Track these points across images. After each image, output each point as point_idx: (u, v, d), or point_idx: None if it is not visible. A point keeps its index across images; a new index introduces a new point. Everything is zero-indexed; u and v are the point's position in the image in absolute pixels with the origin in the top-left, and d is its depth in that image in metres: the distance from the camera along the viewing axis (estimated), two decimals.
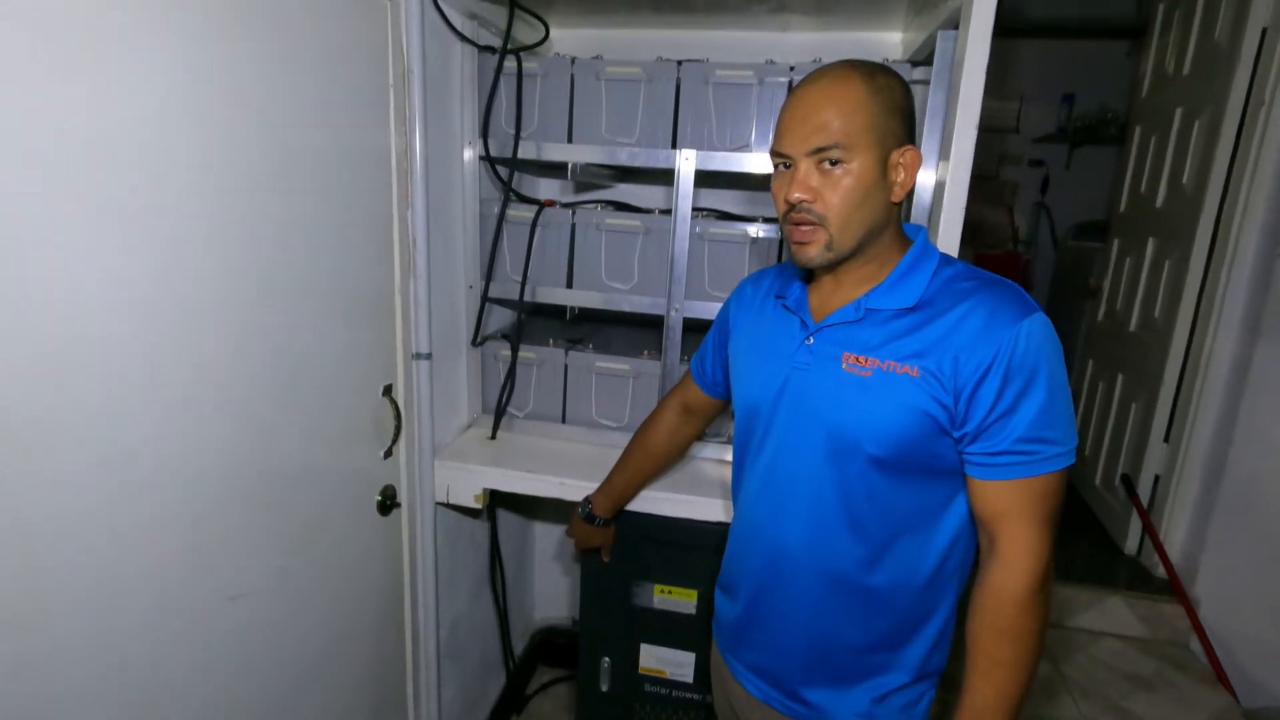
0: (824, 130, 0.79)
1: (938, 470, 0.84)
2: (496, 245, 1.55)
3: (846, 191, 0.80)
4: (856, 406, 0.83)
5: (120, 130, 0.71)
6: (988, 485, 0.80)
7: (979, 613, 0.81)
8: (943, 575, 0.88)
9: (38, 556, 0.67)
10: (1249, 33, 1.98)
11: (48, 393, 0.66)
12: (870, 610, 0.89)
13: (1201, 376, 2.12)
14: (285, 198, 0.96)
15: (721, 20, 1.63)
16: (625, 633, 1.51)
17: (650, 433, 1.28)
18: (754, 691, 0.99)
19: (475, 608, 1.79)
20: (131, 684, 0.80)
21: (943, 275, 0.85)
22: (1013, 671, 0.79)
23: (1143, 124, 2.71)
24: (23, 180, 0.63)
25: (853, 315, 0.86)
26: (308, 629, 1.11)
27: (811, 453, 0.88)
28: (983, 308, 0.80)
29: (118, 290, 0.72)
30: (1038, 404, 0.77)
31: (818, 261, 0.84)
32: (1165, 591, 2.16)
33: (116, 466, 0.74)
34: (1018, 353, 0.76)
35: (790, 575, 0.92)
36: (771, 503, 0.93)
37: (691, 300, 1.48)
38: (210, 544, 0.88)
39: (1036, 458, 0.78)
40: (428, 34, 1.27)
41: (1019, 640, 0.79)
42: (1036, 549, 0.79)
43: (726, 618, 1.04)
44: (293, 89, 0.96)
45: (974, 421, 0.79)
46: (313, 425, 1.06)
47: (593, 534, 1.38)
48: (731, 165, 1.41)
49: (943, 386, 0.79)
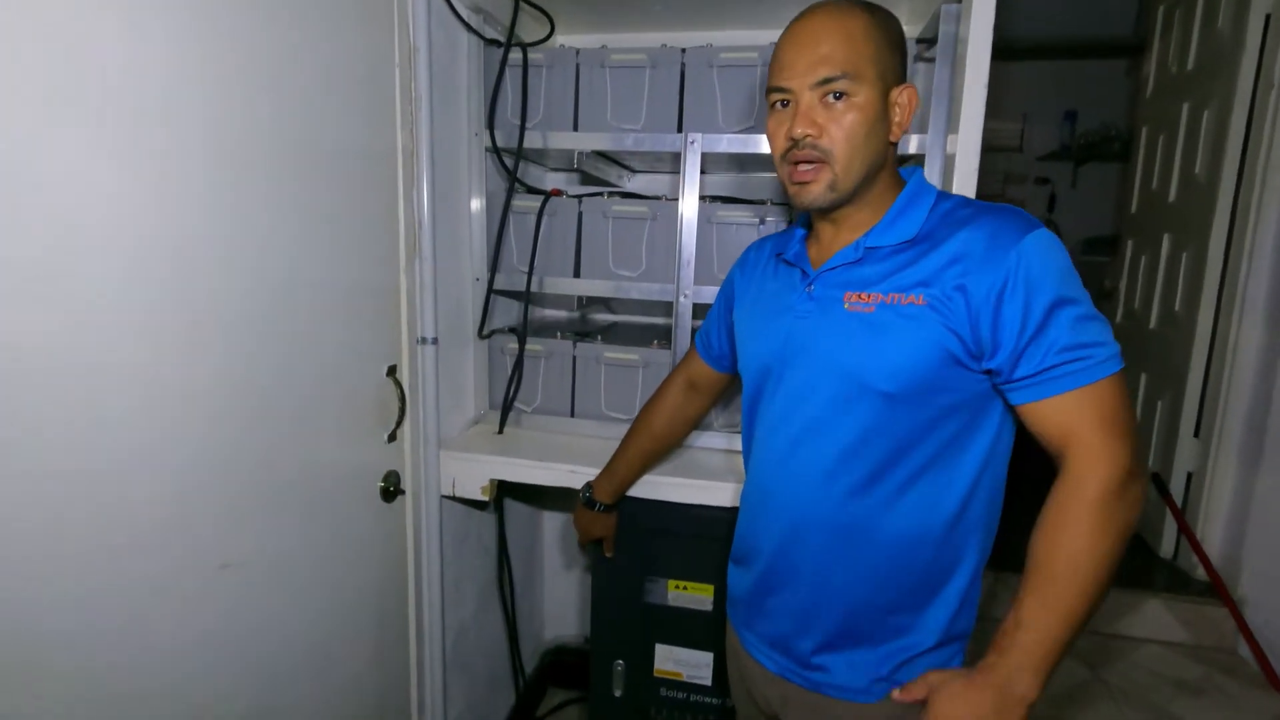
0: (829, 60, 0.77)
1: (952, 405, 0.79)
2: (502, 235, 1.54)
3: (852, 126, 0.79)
4: (862, 344, 0.80)
5: (130, 111, 0.71)
6: (1045, 406, 0.74)
7: (1039, 526, 0.74)
8: (965, 523, 0.83)
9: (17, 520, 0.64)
10: (1252, 22, 1.98)
11: (41, 355, 0.64)
12: (889, 564, 0.83)
13: (1229, 366, 2.06)
14: (289, 179, 0.95)
15: (724, 19, 1.64)
16: (638, 633, 1.44)
17: (653, 412, 1.24)
18: (769, 665, 0.93)
19: (483, 617, 1.72)
20: (114, 649, 0.75)
21: (941, 208, 0.83)
22: (1065, 591, 0.71)
23: (1149, 125, 2.70)
24: (36, 171, 0.63)
25: (852, 256, 0.84)
26: (307, 616, 1.06)
27: (821, 399, 0.84)
28: (983, 230, 0.77)
29: (120, 262, 0.71)
30: (1071, 313, 0.73)
31: (820, 202, 0.82)
32: (1207, 594, 2.05)
33: (111, 430, 0.72)
34: (1033, 269, 0.73)
35: (804, 531, 0.87)
36: (782, 459, 0.89)
37: (701, 285, 1.46)
38: (200, 506, 0.84)
39: (1089, 362, 0.72)
40: (434, 21, 1.29)
41: (1079, 554, 0.71)
42: (1109, 455, 0.71)
43: (740, 590, 0.99)
44: (298, 70, 0.96)
45: (1007, 347, 0.74)
46: (312, 397, 1.03)
47: (594, 522, 1.33)
48: (738, 147, 1.40)
49: (952, 313, 0.76)
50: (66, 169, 0.66)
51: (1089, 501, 0.71)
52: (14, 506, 0.64)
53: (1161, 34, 2.63)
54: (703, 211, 1.44)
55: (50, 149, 0.65)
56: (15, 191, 0.62)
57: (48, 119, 0.64)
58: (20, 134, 0.62)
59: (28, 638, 0.66)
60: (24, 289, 0.63)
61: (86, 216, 0.68)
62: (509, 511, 1.79)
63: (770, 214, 1.44)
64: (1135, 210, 2.75)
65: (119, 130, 0.71)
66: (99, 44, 0.68)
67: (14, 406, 0.63)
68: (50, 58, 0.64)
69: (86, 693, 0.72)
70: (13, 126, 0.61)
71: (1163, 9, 2.63)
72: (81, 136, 0.67)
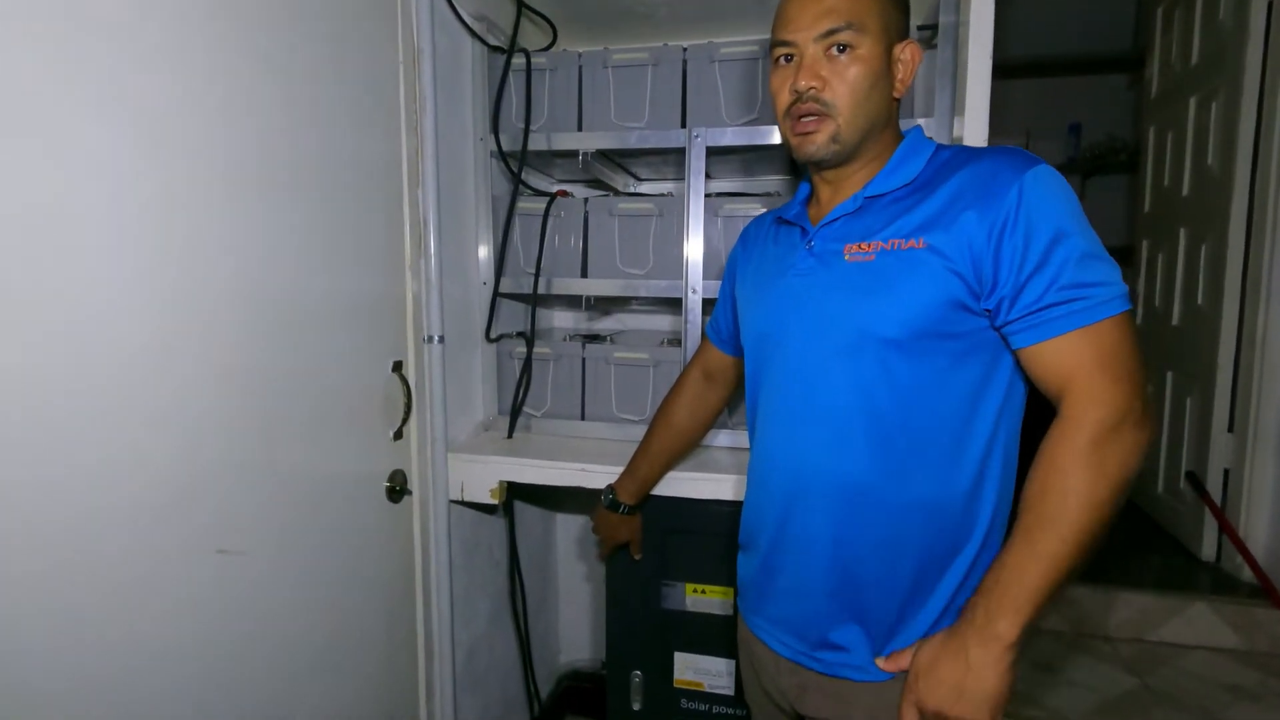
0: (834, 12, 0.77)
1: (961, 353, 0.77)
2: (508, 237, 1.53)
3: (855, 79, 0.78)
4: (863, 292, 0.78)
5: (145, 114, 0.71)
6: (1044, 350, 0.71)
7: (1032, 469, 0.72)
8: (983, 487, 0.79)
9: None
10: (1254, 10, 1.97)
11: (55, 348, 0.64)
12: (904, 531, 0.79)
13: (1259, 356, 2.00)
14: (297, 180, 0.96)
15: (725, 25, 1.65)
16: (656, 641, 1.38)
17: (671, 406, 1.21)
18: (781, 649, 0.88)
19: (495, 634, 1.67)
20: (106, 637, 0.72)
21: (940, 157, 0.82)
22: (1050, 533, 0.68)
23: (1156, 125, 2.69)
24: (45, 182, 0.64)
25: (851, 207, 0.83)
26: (312, 614, 1.02)
27: (823, 353, 0.82)
28: (982, 168, 0.75)
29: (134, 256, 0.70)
30: (1074, 249, 0.70)
31: (823, 154, 0.81)
32: (1256, 596, 1.94)
33: (116, 414, 0.70)
34: (1033, 205, 0.71)
35: (809, 495, 0.83)
36: (786, 424, 0.86)
37: (710, 280, 1.44)
38: (199, 489, 0.81)
39: (1090, 301, 0.69)
40: (438, 27, 1.30)
41: (1066, 496, 0.68)
42: (1105, 397, 0.68)
43: (747, 575, 0.95)
44: (307, 76, 0.97)
45: (1006, 283, 0.72)
46: (317, 389, 1.01)
47: (618, 525, 1.28)
48: (743, 139, 1.39)
49: (954, 254, 0.74)
50: (84, 169, 0.67)
51: (1081, 444, 0.68)
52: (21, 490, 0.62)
53: (1162, 34, 2.64)
54: (710, 206, 1.43)
55: (64, 150, 0.65)
56: (33, 189, 0.62)
57: (66, 119, 0.64)
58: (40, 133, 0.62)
59: (14, 626, 0.63)
60: (36, 285, 0.63)
61: (101, 215, 0.68)
62: (520, 522, 1.75)
63: (777, 204, 1.42)
64: (1149, 209, 2.72)
65: (134, 131, 0.71)
66: (113, 47, 0.69)
67: (30, 401, 0.62)
68: (70, 60, 0.65)
69: (77, 682, 0.69)
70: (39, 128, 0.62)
71: (1161, 10, 2.65)
72: (98, 137, 0.67)
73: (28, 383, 0.63)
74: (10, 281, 0.61)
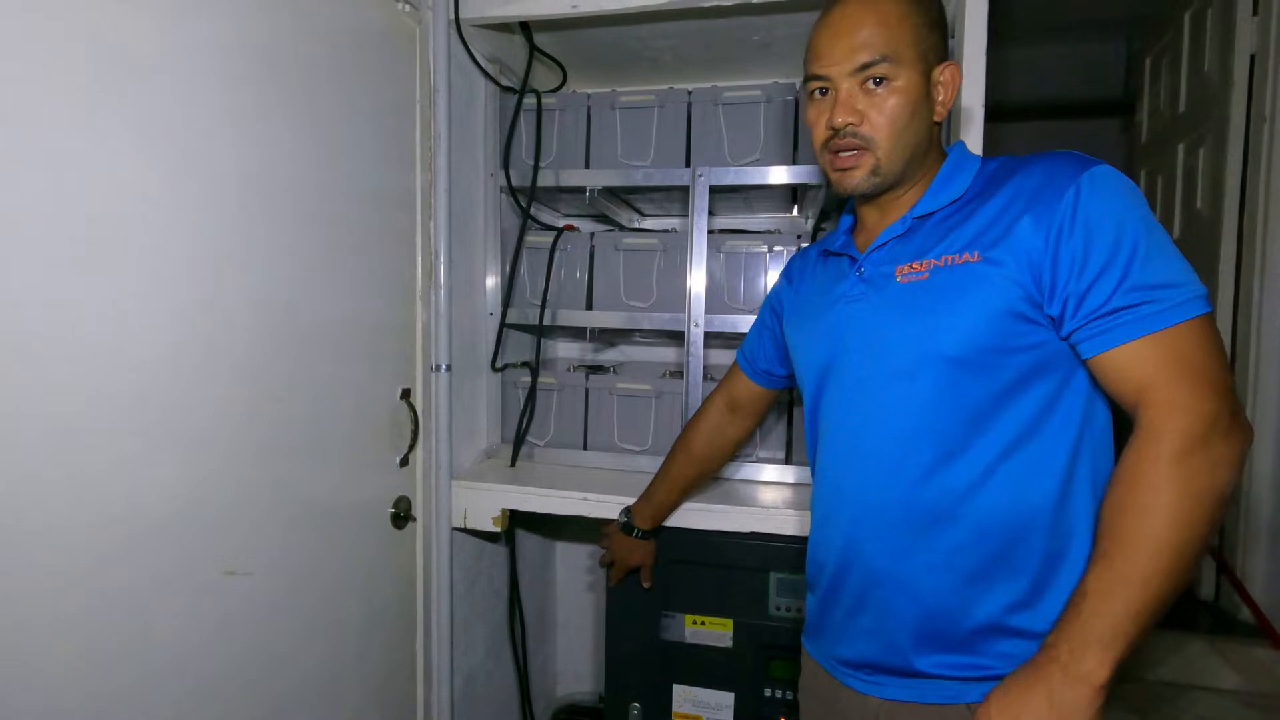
0: (868, 46, 0.75)
1: (1032, 367, 0.72)
2: (515, 270, 1.57)
3: (893, 111, 0.76)
4: (919, 311, 0.75)
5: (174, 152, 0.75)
6: (1114, 357, 0.66)
7: (1108, 487, 0.66)
8: (1071, 504, 0.73)
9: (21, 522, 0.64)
10: (1238, 62, 2.05)
11: (76, 362, 0.67)
12: (980, 553, 0.74)
13: (1251, 396, 2.02)
14: (316, 211, 1.00)
15: (730, 70, 1.70)
16: (655, 672, 1.38)
17: (692, 434, 1.19)
18: (861, 688, 0.83)
19: (493, 664, 1.66)
20: (117, 651, 0.73)
21: (988, 170, 0.80)
22: (1135, 556, 0.61)
23: (1147, 168, 2.76)
24: (92, 203, 0.67)
25: (899, 229, 0.80)
26: (314, 638, 1.02)
27: (883, 377, 0.78)
28: (1035, 172, 0.72)
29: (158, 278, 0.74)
30: (1140, 249, 0.65)
31: (863, 188, 0.79)
32: (1256, 635, 1.94)
33: (131, 428, 0.72)
34: (1093, 204, 0.67)
35: (874, 521, 0.79)
36: (848, 452, 0.82)
37: (712, 314, 1.47)
38: (209, 511, 0.83)
39: (1162, 304, 0.64)
40: (454, 68, 1.36)
41: (1151, 514, 0.61)
42: (1189, 406, 0.62)
43: (813, 612, 0.91)
44: (329, 112, 1.02)
45: (1068, 291, 0.67)
46: (328, 415, 1.03)
47: (633, 549, 1.27)
48: (745, 179, 1.44)
49: (1010, 264, 0.70)
50: (121, 195, 0.70)
51: (1162, 456, 0.62)
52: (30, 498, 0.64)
53: (1151, 82, 2.73)
54: (712, 242, 1.47)
55: (106, 178, 0.69)
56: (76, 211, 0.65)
57: (106, 152, 0.68)
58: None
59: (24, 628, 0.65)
60: (59, 305, 0.66)
61: (135, 237, 0.72)
62: (520, 552, 1.75)
63: (779, 242, 1.46)
64: None
65: (168, 161, 0.75)
66: (157, 89, 0.73)
67: (56, 409, 0.64)
68: (114, 82, 0.69)
69: (82, 688, 0.70)
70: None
71: (1149, 60, 2.74)
72: (136, 166, 0.71)
73: (54, 394, 0.66)
74: (52, 297, 0.64)
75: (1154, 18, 2.73)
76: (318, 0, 0.98)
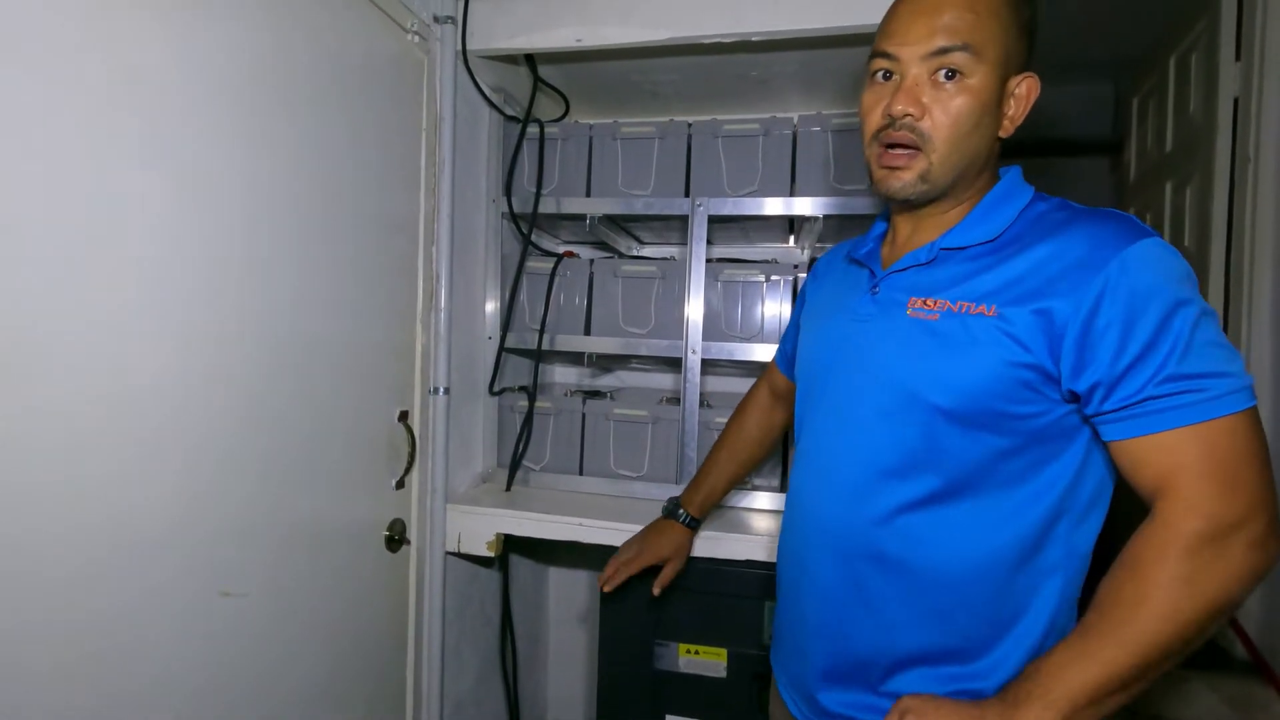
0: (950, 30, 0.68)
1: (1032, 434, 0.68)
2: (515, 294, 1.59)
3: (959, 112, 0.69)
4: (919, 353, 0.71)
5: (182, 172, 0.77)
6: (1140, 445, 0.62)
7: (1109, 570, 0.63)
8: (1035, 568, 0.70)
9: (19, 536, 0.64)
10: (1222, 105, 2.11)
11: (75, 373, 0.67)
12: (926, 602, 0.72)
13: None
14: (321, 233, 1.01)
15: (731, 104, 1.74)
16: (648, 702, 1.36)
17: (743, 416, 1.19)
18: (796, 711, 0.85)
19: (483, 691, 1.63)
20: (110, 670, 0.72)
21: (1035, 210, 0.73)
22: (1105, 640, 0.59)
23: (1136, 206, 2.81)
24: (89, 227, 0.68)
25: (924, 258, 0.75)
26: (303, 661, 1.01)
27: (866, 409, 0.76)
28: (1079, 235, 0.66)
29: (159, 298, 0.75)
30: (1185, 335, 0.60)
31: (907, 193, 0.73)
32: (1252, 672, 1.93)
33: (118, 448, 0.73)
34: (1137, 280, 0.61)
35: (826, 551, 0.78)
36: (819, 472, 0.80)
37: (710, 341, 1.48)
38: (203, 530, 0.83)
39: (1202, 395, 0.59)
40: (459, 96, 1.39)
41: (1136, 603, 0.58)
42: (1210, 508, 0.58)
43: (776, 626, 0.92)
44: (337, 138, 1.04)
45: (1099, 372, 0.62)
46: (326, 435, 1.03)
47: (666, 541, 1.17)
48: (744, 210, 1.47)
49: (1028, 330, 0.66)
50: (125, 216, 0.71)
51: (1171, 550, 0.59)
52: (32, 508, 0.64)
53: (1138, 123, 2.80)
54: (710, 270, 1.49)
55: (121, 200, 0.70)
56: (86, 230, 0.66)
57: (121, 176, 0.70)
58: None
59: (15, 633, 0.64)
60: (61, 327, 0.66)
61: (144, 254, 0.73)
62: (513, 578, 1.74)
63: (776, 272, 1.49)
64: None
65: (178, 183, 0.77)
66: (169, 113, 0.75)
67: (45, 419, 0.65)
68: (127, 100, 0.71)
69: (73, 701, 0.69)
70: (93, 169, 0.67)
71: (1136, 101, 2.82)
72: (146, 185, 0.73)
73: (52, 407, 0.66)
74: (61, 310, 0.65)
75: (1141, 60, 2.81)
76: (331, 28, 1.01)
